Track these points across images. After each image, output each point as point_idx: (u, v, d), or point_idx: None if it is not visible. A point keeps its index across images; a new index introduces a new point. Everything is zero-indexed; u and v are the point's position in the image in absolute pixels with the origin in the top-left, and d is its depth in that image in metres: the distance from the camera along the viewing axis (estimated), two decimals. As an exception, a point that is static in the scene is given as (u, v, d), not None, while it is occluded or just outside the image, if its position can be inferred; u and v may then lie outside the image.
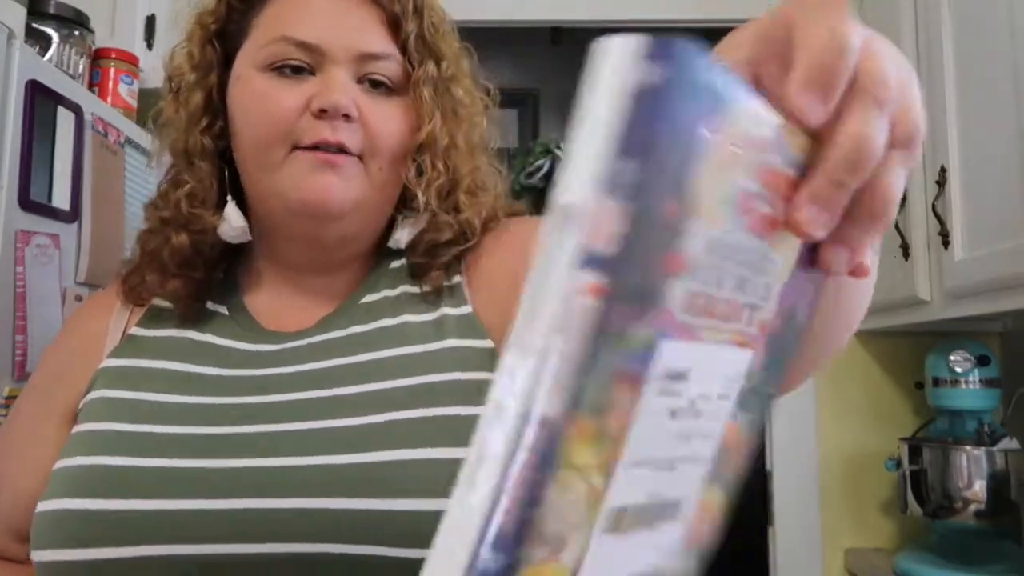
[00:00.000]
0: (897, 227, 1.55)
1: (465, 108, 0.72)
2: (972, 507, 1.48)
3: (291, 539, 0.54)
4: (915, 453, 1.57)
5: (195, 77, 0.69)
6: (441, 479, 0.52)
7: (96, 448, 0.60)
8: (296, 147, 0.64)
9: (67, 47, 1.37)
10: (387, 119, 0.67)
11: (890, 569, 1.61)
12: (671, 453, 0.27)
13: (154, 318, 0.70)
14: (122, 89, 1.53)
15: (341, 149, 0.64)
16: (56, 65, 1.32)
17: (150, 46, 1.64)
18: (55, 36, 1.35)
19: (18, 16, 1.20)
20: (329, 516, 0.54)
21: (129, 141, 1.46)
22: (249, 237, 0.70)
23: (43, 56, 1.30)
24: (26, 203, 1.15)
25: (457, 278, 0.70)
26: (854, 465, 1.86)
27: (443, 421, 0.58)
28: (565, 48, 2.03)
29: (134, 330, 0.70)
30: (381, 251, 0.72)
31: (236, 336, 0.68)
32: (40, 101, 1.18)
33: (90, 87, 1.45)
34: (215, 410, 0.62)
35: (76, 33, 1.39)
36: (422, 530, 0.50)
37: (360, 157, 0.65)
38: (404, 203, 0.71)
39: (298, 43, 0.65)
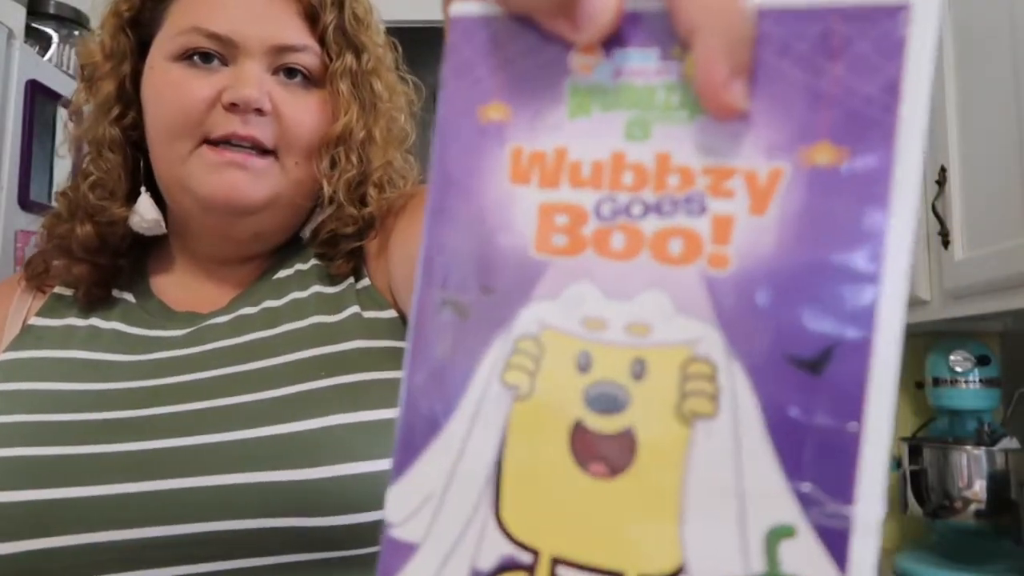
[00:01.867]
0: (897, 227, 1.55)
1: (384, 102, 0.70)
2: (972, 507, 1.48)
3: (207, 518, 0.53)
4: (915, 453, 1.57)
5: (108, 66, 0.67)
6: (355, 444, 0.54)
7: None
8: (205, 140, 0.63)
9: (67, 47, 1.37)
10: (303, 112, 0.65)
11: (890, 569, 1.61)
12: None
13: (54, 307, 0.68)
14: (122, 89, 1.53)
15: (254, 144, 0.63)
16: (56, 65, 1.32)
17: (150, 46, 1.64)
18: (55, 36, 1.35)
19: (18, 16, 1.20)
20: (246, 490, 0.54)
21: (129, 141, 1.47)
22: (163, 230, 0.69)
23: (43, 56, 1.30)
24: (26, 203, 1.15)
25: (365, 283, 0.69)
26: (854, 465, 1.86)
27: (352, 387, 0.58)
28: (565, 48, 2.03)
29: (33, 320, 0.67)
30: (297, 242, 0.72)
31: (144, 322, 0.67)
32: (40, 101, 1.18)
33: (90, 87, 1.46)
34: (125, 395, 0.60)
35: (76, 33, 1.39)
36: (340, 496, 0.52)
37: (275, 152, 0.64)
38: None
39: (209, 34, 0.63)
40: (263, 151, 0.63)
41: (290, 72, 0.65)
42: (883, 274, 0.23)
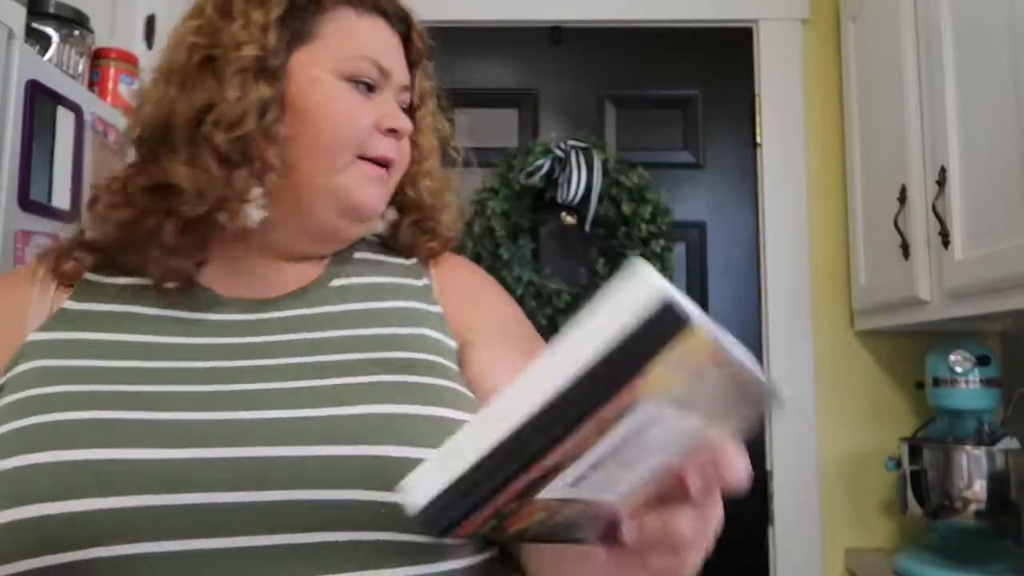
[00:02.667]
0: (897, 227, 1.55)
1: (438, 131, 0.82)
2: (972, 507, 1.48)
3: (289, 486, 0.57)
4: (915, 453, 1.57)
5: (263, 66, 0.69)
6: (411, 430, 0.61)
7: (59, 406, 0.59)
8: (360, 156, 0.72)
9: (67, 47, 1.37)
10: (406, 141, 0.76)
11: (890, 569, 1.61)
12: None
13: (87, 293, 0.69)
14: (122, 89, 1.53)
15: (390, 164, 0.74)
16: (56, 65, 1.32)
17: (150, 46, 1.64)
18: (55, 36, 1.34)
19: (18, 16, 1.20)
20: (326, 463, 0.58)
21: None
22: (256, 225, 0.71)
23: (43, 56, 1.30)
24: (26, 203, 1.15)
25: (425, 280, 0.78)
26: (854, 465, 1.86)
27: (417, 386, 0.65)
28: (565, 48, 2.03)
29: (67, 304, 0.68)
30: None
31: (192, 308, 0.69)
32: (40, 101, 1.18)
33: (90, 87, 1.45)
34: (200, 372, 0.63)
35: (76, 33, 1.39)
36: (394, 474, 0.55)
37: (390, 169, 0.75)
38: None
39: (379, 66, 0.73)
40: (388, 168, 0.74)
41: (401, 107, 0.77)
42: None
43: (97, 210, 0.73)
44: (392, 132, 0.73)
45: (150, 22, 1.64)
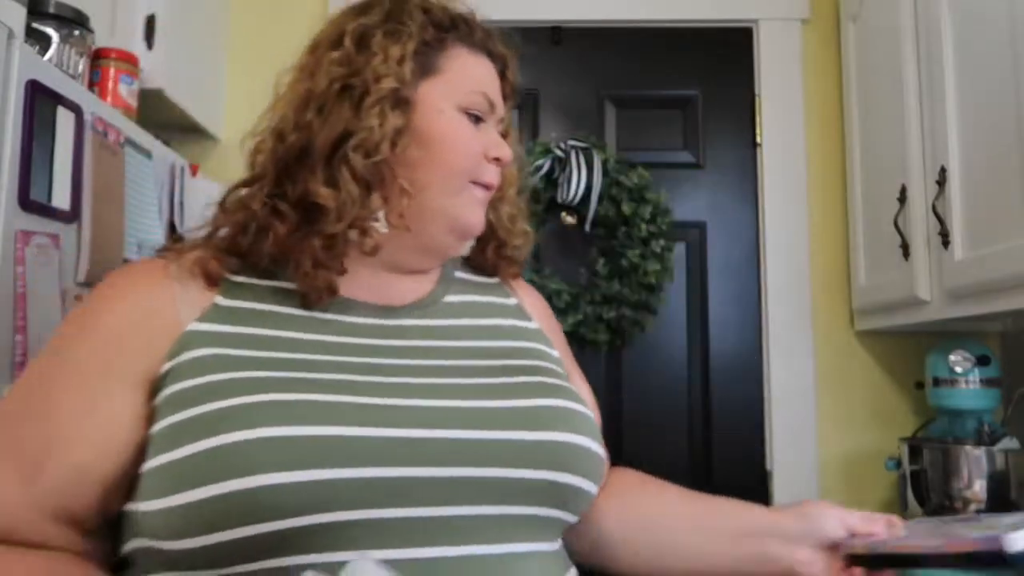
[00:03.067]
0: (897, 227, 1.55)
1: (517, 159, 0.89)
2: (972, 507, 1.48)
3: (476, 463, 0.67)
4: (915, 453, 1.57)
5: (398, 97, 0.76)
6: (575, 421, 0.74)
7: (256, 389, 0.65)
8: (472, 181, 0.81)
9: (67, 47, 1.37)
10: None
11: (890, 569, 1.61)
12: None
13: (233, 291, 0.75)
14: (122, 89, 1.53)
15: (490, 189, 0.83)
16: (56, 65, 1.32)
17: (150, 46, 1.64)
18: (55, 36, 1.34)
19: (18, 16, 1.19)
20: (502, 445, 0.68)
21: (129, 141, 1.46)
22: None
23: (43, 56, 1.30)
24: (26, 203, 1.15)
25: (514, 300, 0.91)
26: (854, 465, 1.86)
27: (556, 386, 0.77)
28: (565, 48, 2.03)
29: (219, 300, 0.74)
30: None
31: (336, 309, 0.76)
32: (40, 101, 1.18)
33: (90, 87, 1.45)
34: (369, 367, 0.72)
35: (76, 33, 1.39)
36: (566, 457, 0.72)
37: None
38: None
39: (489, 100, 0.82)
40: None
41: None
42: None
43: (236, 218, 0.77)
44: (496, 160, 0.82)
45: (150, 22, 1.64)
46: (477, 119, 0.81)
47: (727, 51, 2.02)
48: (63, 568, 0.65)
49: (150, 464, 0.64)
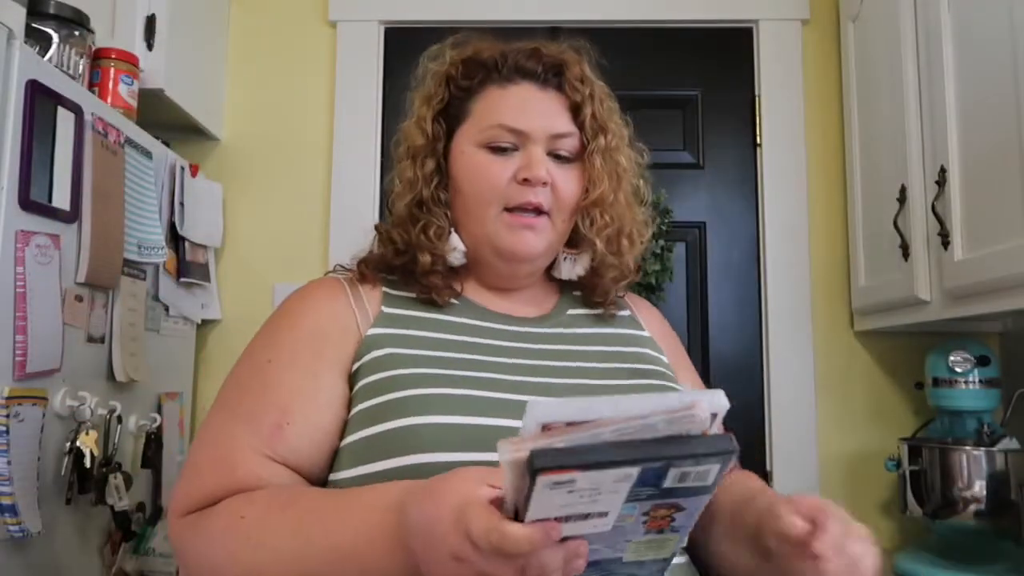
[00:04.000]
0: (897, 227, 1.55)
1: (625, 170, 0.95)
2: (972, 507, 1.48)
3: None
4: (915, 453, 1.57)
5: (427, 147, 0.93)
6: None
7: (433, 383, 0.78)
8: (506, 208, 0.88)
9: (67, 47, 1.37)
10: (569, 182, 0.91)
11: (890, 569, 1.60)
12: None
13: (393, 302, 0.90)
14: (122, 89, 1.53)
15: (538, 209, 0.88)
16: (56, 65, 1.32)
17: (150, 46, 1.64)
18: (55, 36, 1.34)
19: (18, 16, 1.20)
20: None
21: (129, 141, 1.46)
22: (465, 261, 0.93)
23: (43, 56, 1.30)
24: (26, 203, 1.15)
25: (626, 312, 1.01)
26: (854, 465, 1.86)
27: (667, 389, 0.88)
28: (565, 48, 2.02)
29: (385, 309, 0.89)
30: (548, 276, 1.00)
31: (479, 318, 0.91)
32: (40, 101, 1.18)
33: (90, 87, 1.45)
34: (511, 367, 0.84)
35: (76, 33, 1.39)
36: None
37: (549, 214, 0.90)
38: (568, 241, 0.96)
39: (509, 129, 0.89)
40: (541, 212, 0.89)
41: (558, 154, 0.91)
42: None
43: (386, 248, 0.95)
44: (526, 181, 0.87)
45: (150, 22, 1.64)
46: (504, 150, 0.89)
47: (727, 51, 2.02)
48: (295, 488, 0.78)
49: (346, 440, 0.79)
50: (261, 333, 0.88)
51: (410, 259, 0.91)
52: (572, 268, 0.97)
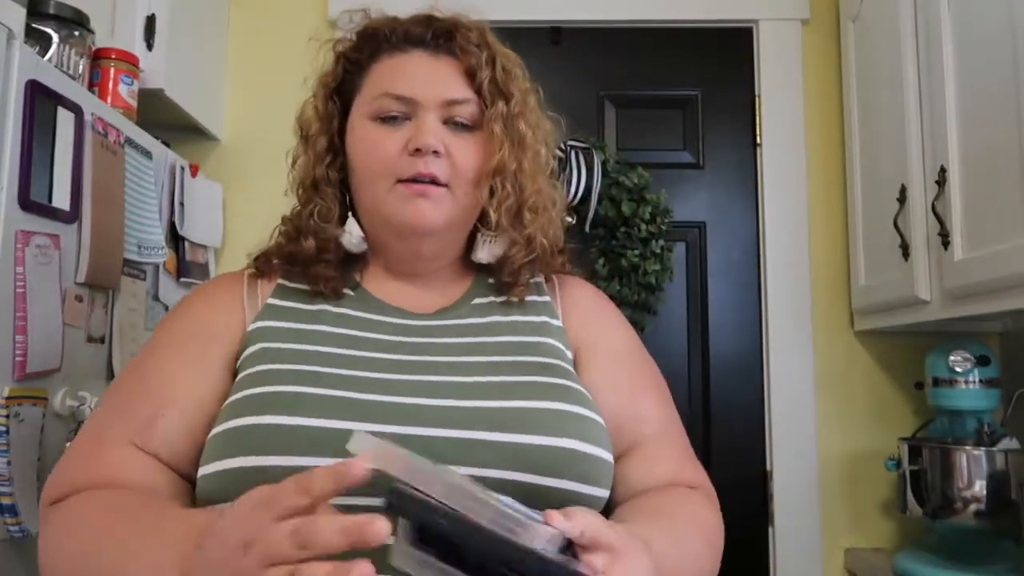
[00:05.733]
0: (897, 227, 1.55)
1: (529, 138, 0.88)
2: (972, 507, 1.48)
3: (451, 463, 0.67)
4: (915, 453, 1.57)
5: (320, 126, 0.89)
6: (557, 423, 0.74)
7: (284, 380, 0.74)
8: (398, 180, 0.82)
9: (67, 47, 1.37)
10: (467, 151, 0.84)
11: (890, 569, 1.60)
12: None
13: (284, 294, 0.87)
14: (122, 89, 1.53)
15: (433, 180, 0.82)
16: (56, 65, 1.32)
17: (150, 46, 1.64)
18: (55, 36, 1.34)
19: (18, 16, 1.20)
20: (480, 446, 0.71)
21: (129, 141, 1.46)
22: (366, 247, 0.88)
23: (43, 56, 1.30)
24: (26, 203, 1.15)
25: (546, 298, 0.91)
26: (854, 465, 1.86)
27: (550, 386, 0.78)
28: (565, 48, 2.03)
29: (271, 300, 0.86)
30: (465, 261, 0.93)
31: (367, 310, 0.85)
32: (40, 101, 1.18)
33: (90, 87, 1.45)
34: (383, 363, 0.79)
35: (76, 33, 1.39)
36: (543, 459, 0.72)
37: (448, 185, 0.83)
38: (483, 222, 0.89)
39: (396, 96, 0.84)
40: (439, 185, 0.82)
41: (455, 121, 0.85)
42: None
43: (282, 235, 0.92)
44: (417, 152, 0.81)
45: (150, 22, 1.64)
46: (394, 118, 0.84)
47: (727, 51, 2.02)
48: (146, 498, 0.73)
49: (209, 435, 0.75)
50: (156, 327, 0.87)
51: (299, 247, 0.87)
52: (490, 250, 0.89)
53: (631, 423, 0.84)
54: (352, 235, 0.87)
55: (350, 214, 0.88)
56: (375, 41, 0.89)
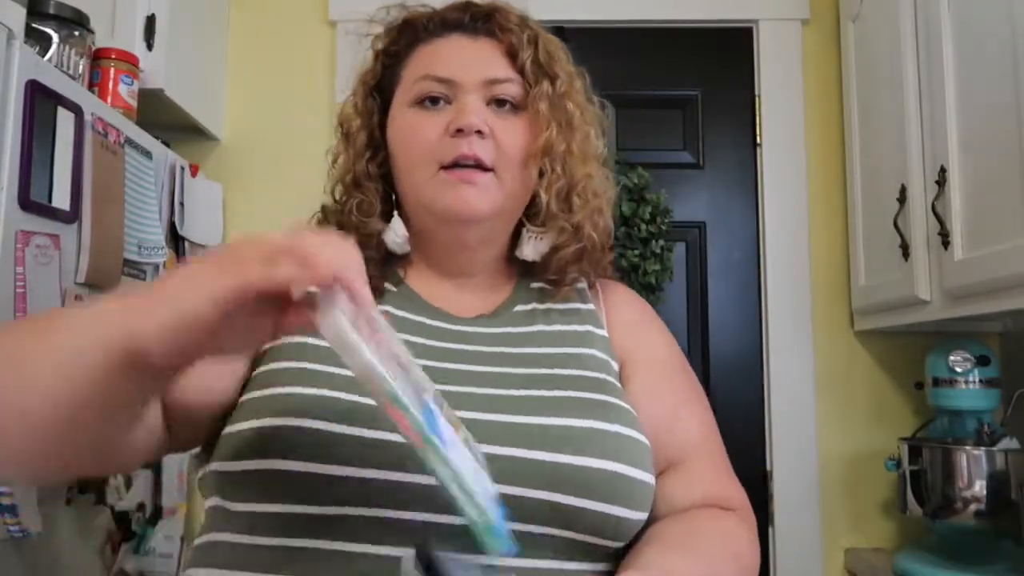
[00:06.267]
0: (897, 227, 1.55)
1: (577, 119, 0.84)
2: (972, 507, 1.48)
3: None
4: (915, 453, 1.57)
5: (360, 122, 0.86)
6: (612, 446, 0.71)
7: (320, 381, 0.70)
8: (441, 167, 0.78)
9: (67, 47, 1.37)
10: (512, 132, 0.80)
11: (890, 569, 1.60)
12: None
13: None
14: (122, 89, 1.53)
15: (478, 163, 0.78)
16: (56, 65, 1.32)
17: (150, 46, 1.64)
18: (55, 36, 1.34)
19: (18, 16, 1.20)
20: (519, 463, 0.67)
21: (129, 141, 1.46)
22: (408, 249, 0.85)
23: (43, 56, 1.30)
24: (26, 203, 1.15)
25: (590, 305, 0.87)
26: (854, 465, 1.86)
27: (596, 402, 0.74)
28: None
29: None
30: (509, 260, 0.88)
31: (410, 309, 0.81)
32: (40, 101, 1.18)
33: (90, 87, 1.45)
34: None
35: (76, 33, 1.39)
36: (584, 480, 0.68)
37: (494, 169, 0.79)
38: (528, 217, 0.85)
39: (436, 79, 0.80)
40: (485, 169, 0.78)
41: (500, 101, 0.81)
42: None
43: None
44: (459, 132, 0.77)
45: (150, 22, 1.64)
46: (435, 100, 0.81)
47: (727, 51, 2.02)
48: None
49: (225, 430, 0.70)
50: None
51: None
52: (536, 247, 0.85)
53: (673, 437, 0.80)
54: (396, 233, 0.84)
55: (396, 212, 0.85)
56: (412, 31, 0.87)
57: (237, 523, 0.69)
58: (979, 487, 1.47)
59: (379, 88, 0.87)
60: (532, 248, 0.86)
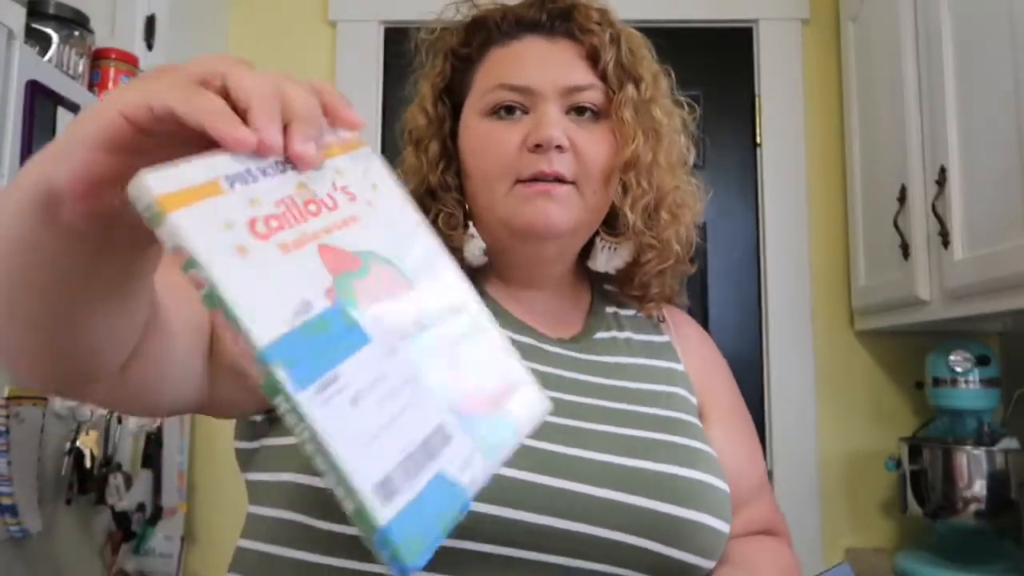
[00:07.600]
0: (897, 227, 1.55)
1: (664, 127, 0.78)
2: (972, 507, 1.48)
3: (587, 521, 0.63)
4: (915, 453, 1.57)
5: (431, 130, 0.80)
6: (708, 498, 0.69)
7: None
8: (518, 180, 0.73)
9: (67, 47, 1.37)
10: (595, 143, 0.75)
11: (890, 569, 1.61)
12: None
13: None
14: (122, 89, 1.53)
15: (557, 178, 0.72)
16: (56, 65, 1.32)
17: (150, 46, 1.64)
18: (55, 36, 1.34)
19: (18, 16, 1.20)
20: (614, 505, 0.65)
21: (129, 141, 1.46)
22: (486, 259, 0.79)
23: (43, 56, 1.30)
24: (26, 203, 1.16)
25: (665, 338, 0.84)
26: (854, 465, 1.86)
27: (689, 449, 0.72)
28: (565, 48, 2.02)
29: None
30: (579, 270, 0.84)
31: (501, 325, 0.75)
32: (40, 101, 1.18)
33: (90, 87, 1.45)
34: None
35: (76, 33, 1.39)
36: (690, 536, 0.66)
37: (575, 183, 0.74)
38: (605, 223, 0.80)
39: (511, 87, 0.75)
40: (565, 182, 0.73)
41: (580, 110, 0.76)
42: None
43: None
44: (538, 148, 0.72)
45: (150, 22, 1.64)
46: (511, 110, 0.75)
47: (727, 51, 2.02)
48: None
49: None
50: None
51: None
52: (611, 259, 0.81)
53: (744, 483, 0.80)
54: (476, 245, 0.78)
55: (472, 223, 0.79)
56: (484, 31, 0.80)
57: (316, 542, 0.64)
58: (979, 487, 1.47)
59: (448, 91, 0.82)
60: (605, 260, 0.81)
